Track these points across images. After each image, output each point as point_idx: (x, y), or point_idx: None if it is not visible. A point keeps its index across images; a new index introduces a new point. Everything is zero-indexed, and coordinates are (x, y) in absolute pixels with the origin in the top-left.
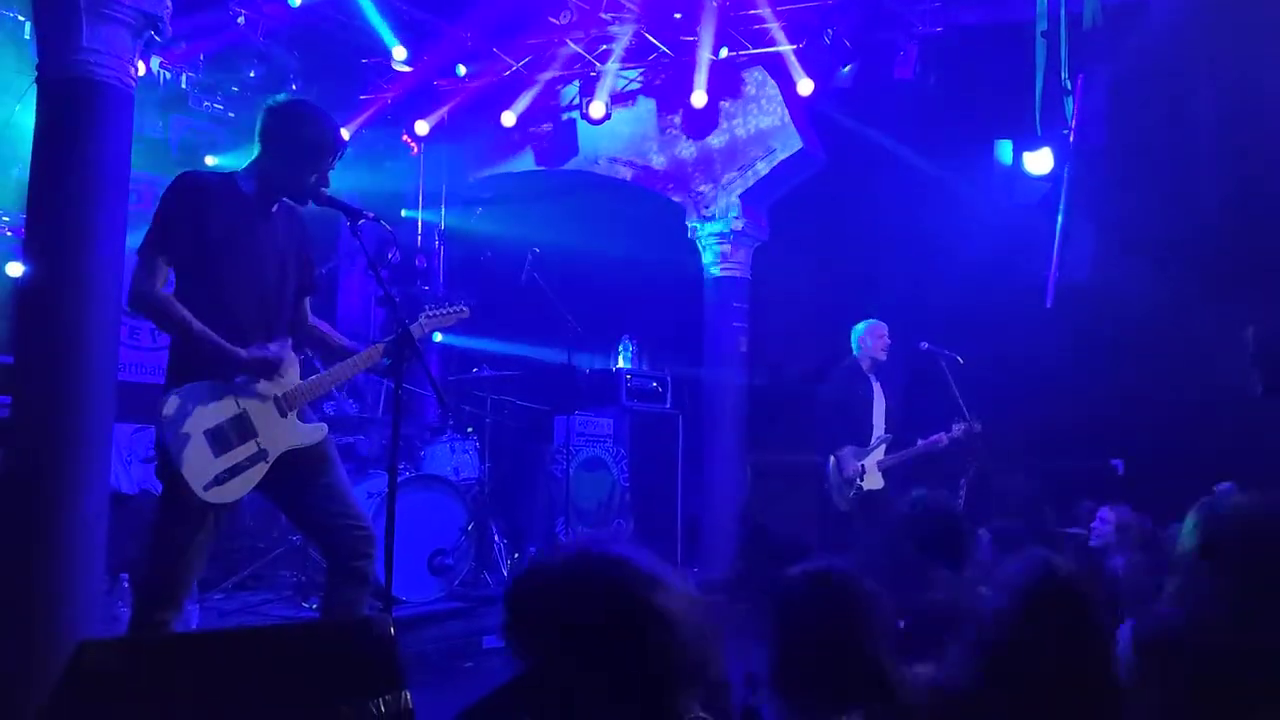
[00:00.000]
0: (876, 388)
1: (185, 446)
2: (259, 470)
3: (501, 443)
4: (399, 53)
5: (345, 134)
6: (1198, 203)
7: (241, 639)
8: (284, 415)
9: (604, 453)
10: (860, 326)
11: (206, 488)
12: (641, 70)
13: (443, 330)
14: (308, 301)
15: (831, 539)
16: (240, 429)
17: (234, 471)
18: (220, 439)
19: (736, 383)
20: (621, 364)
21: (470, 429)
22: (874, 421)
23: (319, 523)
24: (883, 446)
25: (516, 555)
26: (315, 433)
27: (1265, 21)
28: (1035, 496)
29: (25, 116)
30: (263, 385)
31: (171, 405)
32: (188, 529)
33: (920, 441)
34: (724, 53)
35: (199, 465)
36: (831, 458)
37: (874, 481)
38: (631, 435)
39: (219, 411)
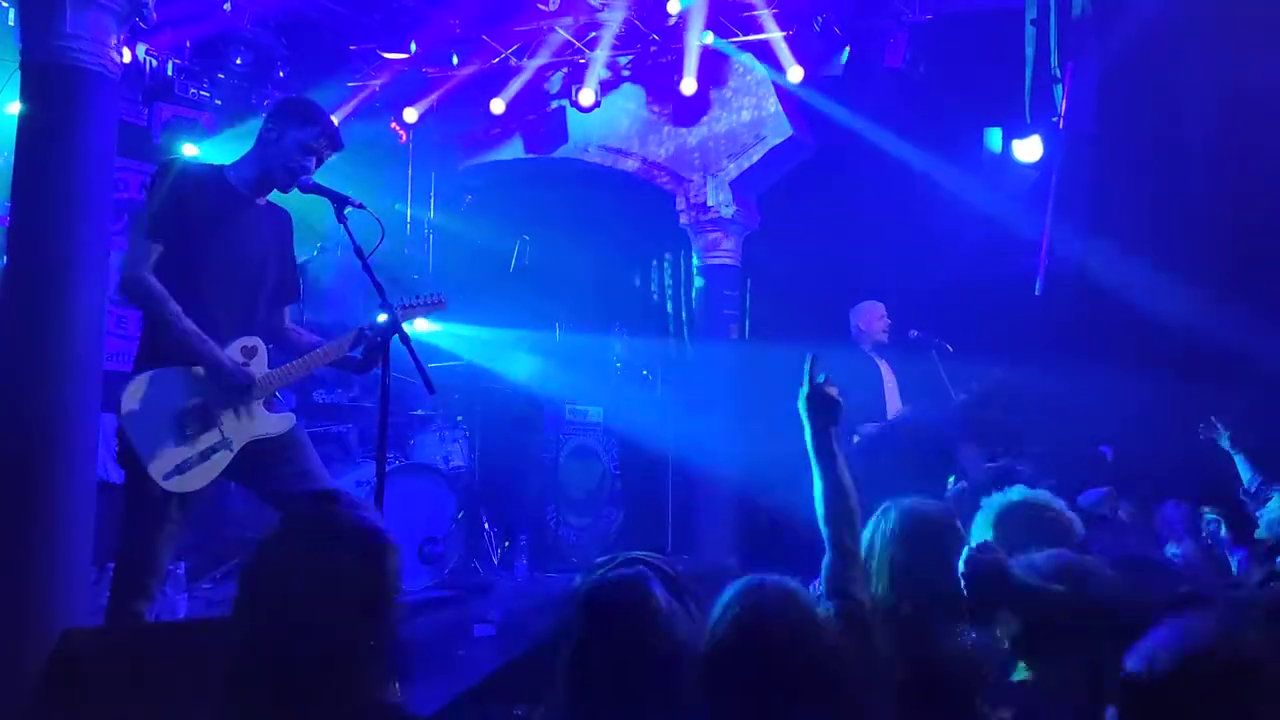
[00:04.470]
0: (883, 366)
1: (145, 434)
2: (222, 459)
3: (491, 431)
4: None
5: (335, 119)
6: (1187, 190)
7: (230, 628)
8: (249, 404)
9: (594, 441)
10: (856, 309)
11: (167, 477)
12: (631, 57)
13: (422, 318)
14: (288, 310)
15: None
16: (203, 417)
17: (195, 460)
18: (181, 427)
19: (728, 370)
20: (611, 351)
21: (460, 417)
22: (887, 400)
23: None
24: None
25: (507, 543)
26: (283, 422)
27: (1254, 8)
28: (1026, 481)
29: (7, 103)
30: (234, 360)
31: (133, 392)
32: (151, 518)
33: None
34: (710, 37)
35: (159, 454)
36: (855, 437)
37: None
38: (622, 423)
39: (181, 399)
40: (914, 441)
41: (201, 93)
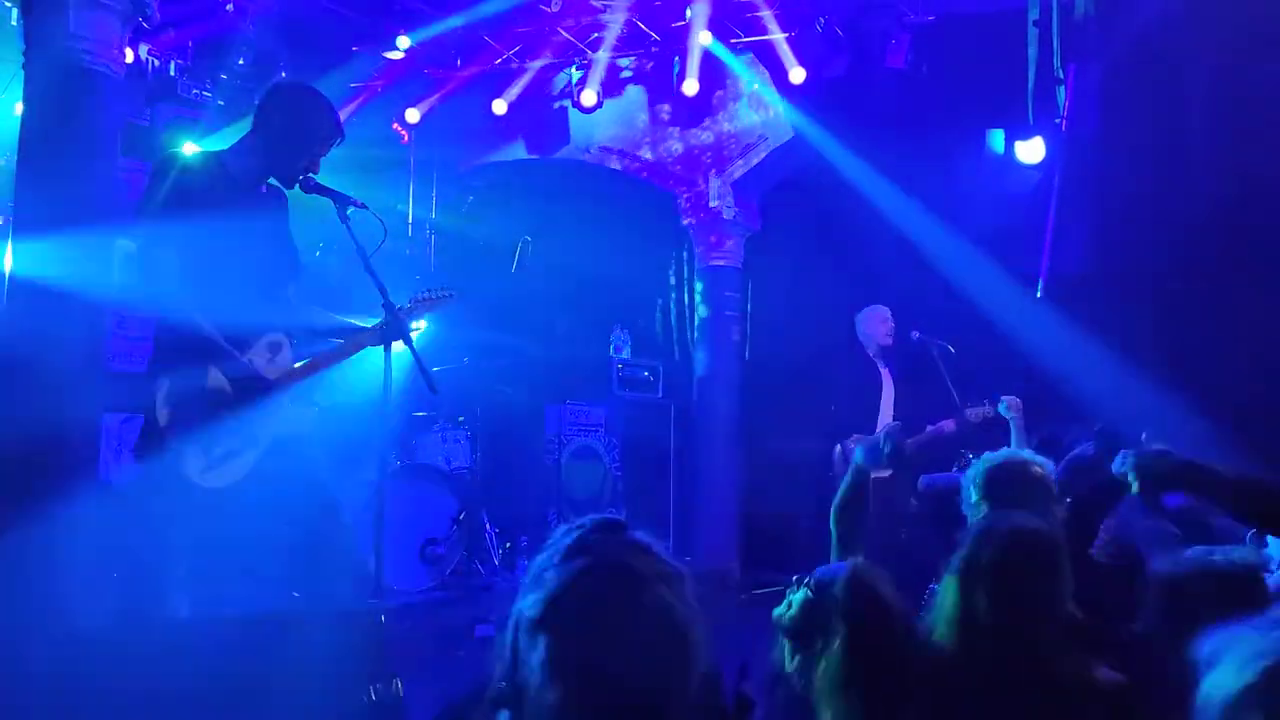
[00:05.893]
0: (885, 375)
1: (179, 432)
2: (249, 456)
3: (493, 432)
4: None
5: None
6: (1190, 191)
7: (233, 628)
8: (276, 400)
9: (596, 442)
10: (861, 314)
11: (201, 473)
12: (633, 59)
13: (431, 315)
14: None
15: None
16: (231, 414)
17: (227, 457)
18: (210, 423)
19: (729, 372)
20: (613, 353)
21: (461, 418)
22: (881, 409)
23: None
24: None
25: (508, 545)
26: (306, 417)
27: (1255, 8)
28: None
29: (11, 104)
30: (256, 368)
31: (164, 390)
32: (172, 515)
33: (929, 428)
34: (706, 37)
35: (193, 451)
36: (838, 446)
37: (881, 470)
38: (624, 425)
39: (209, 396)
40: None
41: (204, 93)
